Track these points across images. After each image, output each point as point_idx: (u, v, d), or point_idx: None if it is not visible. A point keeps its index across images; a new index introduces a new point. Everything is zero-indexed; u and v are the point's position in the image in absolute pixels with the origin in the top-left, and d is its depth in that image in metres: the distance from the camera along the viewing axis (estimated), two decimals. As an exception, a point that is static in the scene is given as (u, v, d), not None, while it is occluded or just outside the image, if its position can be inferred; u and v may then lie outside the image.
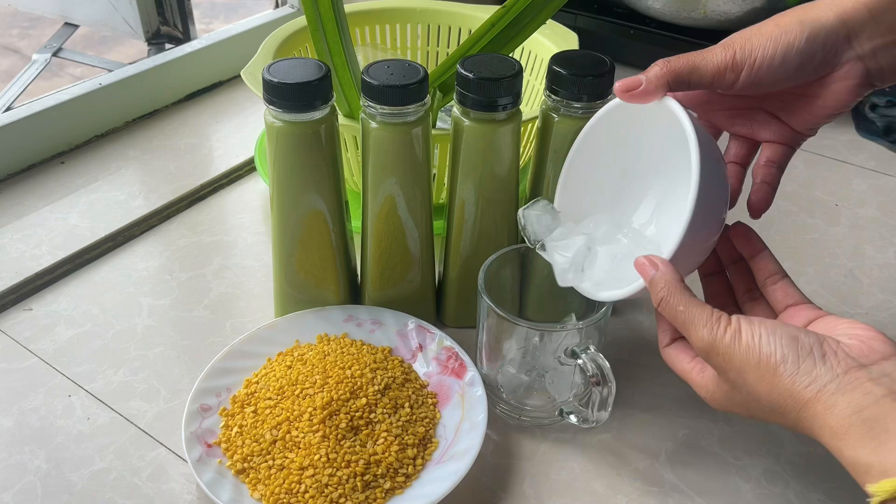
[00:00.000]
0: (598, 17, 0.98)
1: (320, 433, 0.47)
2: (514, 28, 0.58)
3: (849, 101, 0.45)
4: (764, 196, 0.48)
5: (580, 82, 0.50)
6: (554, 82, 0.51)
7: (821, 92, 0.45)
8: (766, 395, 0.38)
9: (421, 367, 0.54)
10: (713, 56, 0.44)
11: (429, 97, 0.50)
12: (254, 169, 0.77)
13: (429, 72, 0.50)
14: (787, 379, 0.37)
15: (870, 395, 0.35)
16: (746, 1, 0.88)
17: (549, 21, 0.77)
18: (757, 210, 0.49)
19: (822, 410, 0.36)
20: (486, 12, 0.79)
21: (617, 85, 0.45)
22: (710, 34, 0.91)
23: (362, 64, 0.67)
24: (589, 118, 0.50)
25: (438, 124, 0.72)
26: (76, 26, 1.00)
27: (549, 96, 0.52)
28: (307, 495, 0.45)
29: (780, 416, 0.38)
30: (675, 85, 0.44)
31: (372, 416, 0.49)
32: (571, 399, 0.51)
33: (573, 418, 0.50)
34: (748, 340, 0.38)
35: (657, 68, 0.44)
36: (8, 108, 0.77)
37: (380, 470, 0.46)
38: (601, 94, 0.51)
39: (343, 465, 0.46)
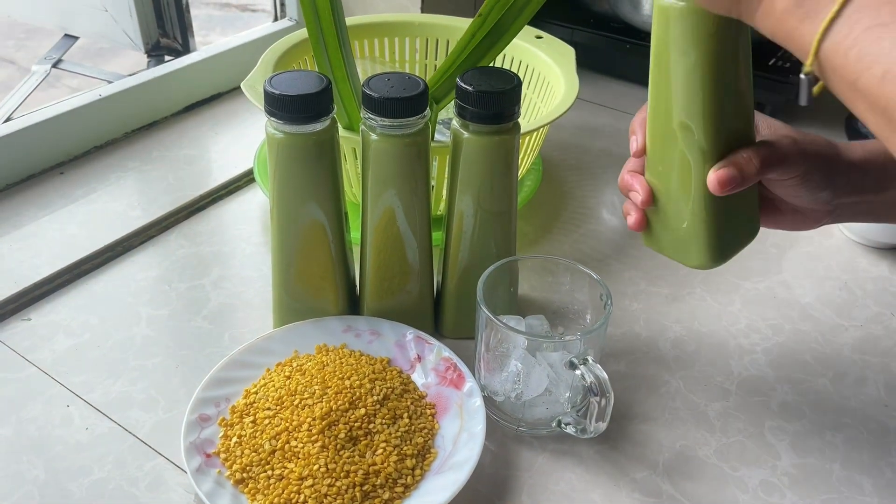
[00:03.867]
0: (594, 31, 0.99)
1: (319, 443, 0.47)
2: (495, 35, 0.58)
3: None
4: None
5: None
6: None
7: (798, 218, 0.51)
8: None
9: (419, 378, 0.54)
10: (794, 155, 0.46)
11: (429, 109, 0.51)
12: (252, 180, 0.78)
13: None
14: None
15: None
16: (741, 16, 0.88)
17: (546, 35, 0.78)
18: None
19: None
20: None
21: (714, 182, 0.44)
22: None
23: (362, 77, 0.68)
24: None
25: (436, 136, 0.73)
26: (75, 38, 1.00)
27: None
28: (306, 505, 0.45)
29: None
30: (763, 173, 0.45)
31: (371, 426, 0.49)
32: (566, 405, 0.51)
33: (571, 429, 0.51)
34: None
35: (754, 163, 0.44)
36: (8, 119, 0.77)
37: (378, 480, 0.47)
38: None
39: (342, 475, 0.46)
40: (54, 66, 0.96)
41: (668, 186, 0.47)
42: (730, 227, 0.47)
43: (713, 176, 0.44)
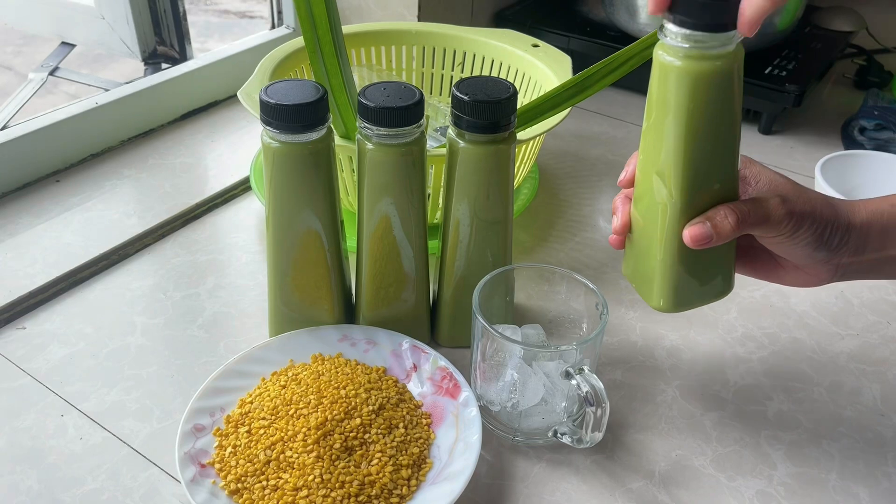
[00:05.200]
0: (590, 39, 0.99)
1: (314, 453, 0.47)
2: (580, 87, 0.58)
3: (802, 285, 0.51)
4: None
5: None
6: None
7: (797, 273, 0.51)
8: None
9: (415, 388, 0.54)
10: (777, 215, 0.46)
11: (425, 118, 0.51)
12: (248, 188, 0.77)
13: (431, 94, 0.51)
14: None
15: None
16: (737, 25, 0.89)
17: (543, 44, 0.78)
18: None
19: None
20: (479, 35, 0.80)
21: (688, 238, 0.45)
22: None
23: (359, 85, 0.68)
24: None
25: (428, 142, 0.73)
26: (73, 45, 1.00)
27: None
28: (301, 516, 0.45)
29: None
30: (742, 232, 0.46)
31: (366, 436, 0.49)
32: (563, 415, 0.51)
33: (567, 439, 0.50)
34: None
35: (729, 221, 0.45)
36: (4, 127, 0.77)
37: (374, 491, 0.46)
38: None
39: (337, 485, 0.46)
40: (51, 73, 0.96)
41: (644, 225, 0.48)
42: (695, 279, 0.48)
43: (687, 231, 0.45)
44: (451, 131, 0.52)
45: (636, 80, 1.00)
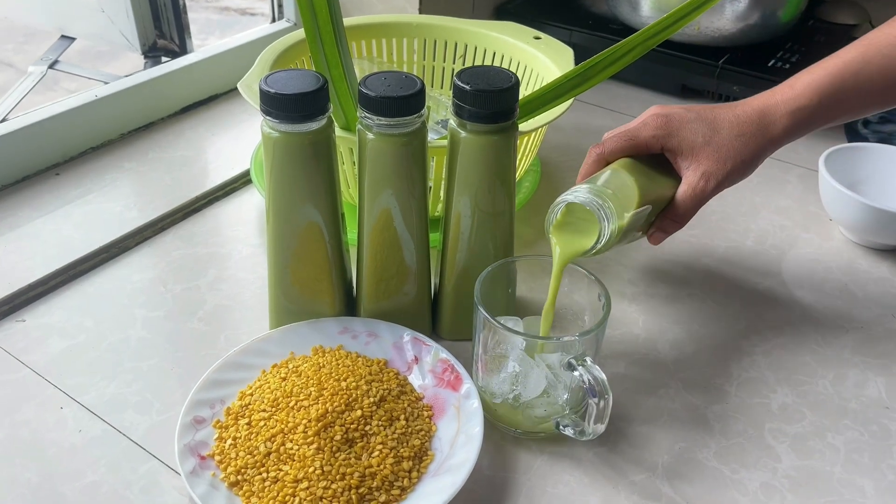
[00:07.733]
0: (592, 32, 0.99)
1: (315, 445, 0.47)
2: (582, 78, 0.59)
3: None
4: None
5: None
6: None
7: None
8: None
9: (416, 380, 0.54)
10: (709, 191, 0.55)
11: (426, 109, 0.50)
12: (249, 181, 0.77)
13: (432, 86, 0.50)
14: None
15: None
16: (740, 18, 0.88)
17: (545, 36, 0.78)
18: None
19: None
20: (480, 27, 0.79)
21: (651, 242, 0.58)
22: (704, 50, 0.92)
23: (359, 77, 0.67)
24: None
25: (429, 135, 0.72)
26: (72, 39, 1.00)
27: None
28: (301, 508, 0.45)
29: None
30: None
31: (367, 428, 0.49)
32: (563, 405, 0.51)
33: (569, 431, 0.50)
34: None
35: (676, 225, 0.57)
36: (3, 120, 0.77)
37: (375, 483, 0.46)
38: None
39: (338, 477, 0.46)
40: (51, 66, 0.96)
41: None
42: None
43: (651, 241, 0.58)
44: (452, 122, 0.52)
45: (637, 74, 1.00)
